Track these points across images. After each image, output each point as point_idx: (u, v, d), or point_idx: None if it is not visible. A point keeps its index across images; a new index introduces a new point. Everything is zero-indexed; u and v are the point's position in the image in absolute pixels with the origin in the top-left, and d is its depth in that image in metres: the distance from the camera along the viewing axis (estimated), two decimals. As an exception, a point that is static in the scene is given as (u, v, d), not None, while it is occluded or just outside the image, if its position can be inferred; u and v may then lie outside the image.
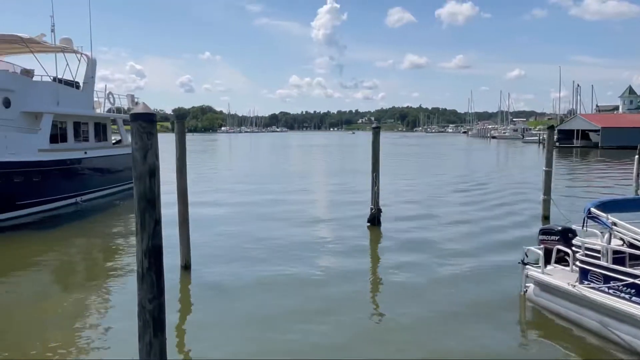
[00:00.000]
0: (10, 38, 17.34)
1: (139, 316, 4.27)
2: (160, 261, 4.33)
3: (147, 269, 4.24)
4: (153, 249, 4.25)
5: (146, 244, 4.23)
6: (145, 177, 4.21)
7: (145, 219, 4.23)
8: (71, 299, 8.82)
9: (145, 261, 4.23)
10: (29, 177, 15.95)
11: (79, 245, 13.22)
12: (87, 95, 20.39)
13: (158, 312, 4.28)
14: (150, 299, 4.24)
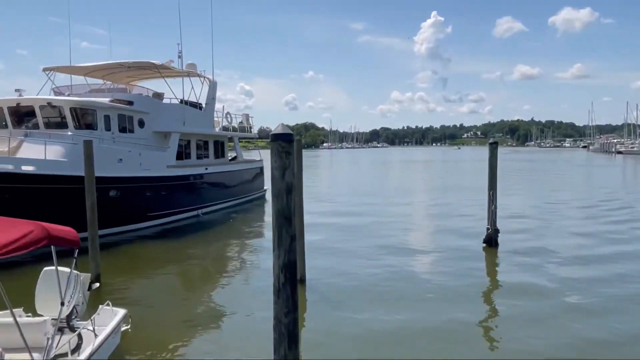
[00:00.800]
0: (145, 65, 19.35)
1: (275, 329, 4.39)
2: (295, 276, 4.43)
3: (283, 283, 4.35)
4: (289, 264, 4.37)
5: (282, 259, 4.35)
6: (283, 194, 4.35)
7: (282, 235, 4.36)
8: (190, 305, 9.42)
9: (282, 276, 4.35)
10: (159, 191, 17.54)
11: (200, 255, 14.15)
12: (209, 115, 22.03)
13: (293, 326, 4.37)
14: (285, 313, 4.34)
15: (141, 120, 17.79)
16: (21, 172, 13.19)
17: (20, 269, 10.52)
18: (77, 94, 17.99)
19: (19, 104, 15.79)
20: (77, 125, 15.61)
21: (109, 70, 20.19)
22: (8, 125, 15.86)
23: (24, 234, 4.53)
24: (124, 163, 15.91)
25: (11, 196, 12.90)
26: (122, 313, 7.10)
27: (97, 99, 16.54)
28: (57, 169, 13.81)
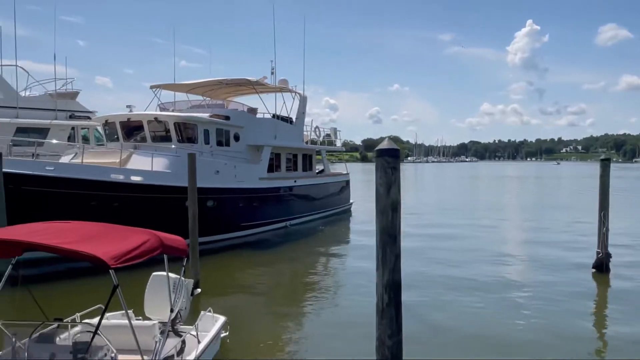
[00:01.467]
0: (242, 82, 20.28)
1: (378, 351, 4.24)
2: (399, 297, 4.26)
3: (387, 304, 4.20)
4: (393, 284, 4.21)
5: (387, 279, 4.21)
6: (388, 211, 4.22)
7: (386, 253, 4.22)
8: (283, 315, 9.51)
9: (385, 296, 4.20)
10: (251, 202, 18.17)
11: (290, 265, 14.38)
12: (298, 129, 22.55)
13: (397, 349, 4.20)
14: (389, 335, 4.18)
15: (237, 134, 18.59)
16: (130, 182, 14.28)
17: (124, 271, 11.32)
18: (180, 109, 19.24)
19: (129, 119, 17.20)
20: (179, 139, 16.66)
21: (209, 87, 21.40)
22: (119, 138, 17.31)
23: (141, 243, 4.81)
24: (221, 175, 16.68)
25: (120, 204, 14.00)
26: (222, 320, 7.32)
27: (198, 114, 17.56)
28: (162, 179, 14.78)
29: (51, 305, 6.74)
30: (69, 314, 6.36)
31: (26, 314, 5.92)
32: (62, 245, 4.16)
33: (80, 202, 13.27)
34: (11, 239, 4.17)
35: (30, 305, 5.97)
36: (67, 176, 13.17)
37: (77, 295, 10.55)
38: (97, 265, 4.10)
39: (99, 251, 4.14)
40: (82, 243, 4.34)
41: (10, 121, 19.73)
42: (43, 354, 4.94)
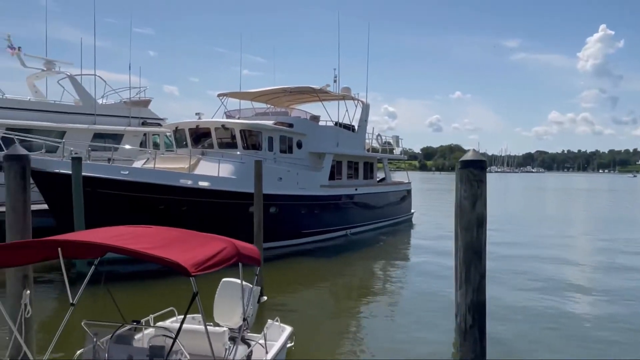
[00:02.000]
0: (305, 90, 20.46)
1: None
2: (484, 319, 3.99)
3: (470, 325, 3.95)
4: (478, 305, 3.96)
5: (470, 299, 3.96)
6: (473, 226, 3.97)
7: (470, 272, 3.97)
8: (349, 327, 9.34)
9: (469, 317, 3.95)
10: (312, 210, 18.20)
11: (350, 274, 14.21)
12: (360, 137, 22.41)
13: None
14: (472, 359, 3.92)
15: (299, 142, 18.73)
16: (198, 187, 14.70)
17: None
18: (245, 117, 19.67)
19: (197, 126, 17.77)
20: (244, 146, 17.00)
21: (272, 95, 21.76)
22: (188, 145, 17.92)
23: (219, 251, 4.83)
24: (284, 181, 16.83)
25: (189, 207, 14.43)
26: (289, 330, 7.26)
27: (263, 121, 17.87)
28: (227, 185, 15.11)
29: (123, 306, 6.97)
30: (140, 314, 6.53)
31: (103, 314, 6.14)
32: (145, 251, 4.24)
33: (151, 205, 13.81)
34: (98, 243, 4.31)
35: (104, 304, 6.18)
36: (140, 180, 13.74)
37: (148, 296, 10.94)
38: (178, 271, 4.14)
39: (180, 258, 4.18)
40: (163, 249, 4.41)
41: (88, 127, 21.00)
42: (121, 355, 5.07)
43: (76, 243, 4.54)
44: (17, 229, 5.28)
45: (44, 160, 13.31)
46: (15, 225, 5.29)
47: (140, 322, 5.70)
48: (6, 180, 5.34)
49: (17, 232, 5.28)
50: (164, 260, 4.15)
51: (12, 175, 5.26)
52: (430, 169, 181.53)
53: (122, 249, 4.26)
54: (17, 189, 5.27)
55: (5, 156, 5.34)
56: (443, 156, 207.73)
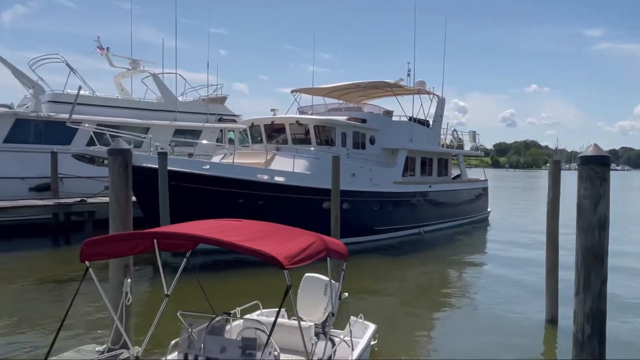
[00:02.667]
0: (379, 84, 20.17)
1: (576, 390, 3.67)
2: (604, 328, 3.64)
3: (588, 336, 3.62)
4: (597, 314, 3.61)
5: (589, 307, 3.62)
6: (594, 229, 3.63)
7: (590, 277, 3.64)
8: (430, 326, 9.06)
9: (587, 326, 3.62)
10: (385, 206, 17.94)
11: (425, 273, 13.86)
12: (435, 133, 21.80)
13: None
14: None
15: (372, 137, 18.51)
16: (274, 182, 14.94)
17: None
18: (318, 113, 19.74)
19: (273, 122, 18.06)
20: (318, 142, 17.05)
21: (345, 91, 21.67)
22: (263, 140, 18.27)
23: (309, 245, 4.80)
24: (357, 177, 16.71)
25: (265, 202, 14.70)
26: (372, 328, 7.15)
27: (336, 117, 17.83)
28: (302, 180, 15.24)
29: (210, 297, 7.15)
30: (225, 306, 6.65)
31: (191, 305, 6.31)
32: (240, 243, 4.28)
33: (230, 199, 14.21)
34: (196, 235, 4.41)
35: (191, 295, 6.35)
36: (221, 175, 14.17)
37: (232, 288, 11.16)
38: (272, 264, 4.14)
39: (273, 251, 4.19)
40: (256, 241, 4.44)
41: (170, 124, 22.04)
42: (215, 346, 5.18)
43: (174, 235, 4.67)
44: (120, 220, 5.54)
45: (134, 155, 14.08)
46: (118, 216, 5.56)
47: (230, 314, 5.82)
48: (110, 173, 5.63)
49: (119, 223, 5.55)
50: (259, 252, 4.16)
51: (115, 169, 5.53)
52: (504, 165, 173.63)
53: (218, 241, 4.33)
54: (120, 181, 5.53)
55: (109, 150, 5.63)
56: (517, 152, 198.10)
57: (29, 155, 18.15)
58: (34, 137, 18.65)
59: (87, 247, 4.55)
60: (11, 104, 19.62)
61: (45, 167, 17.95)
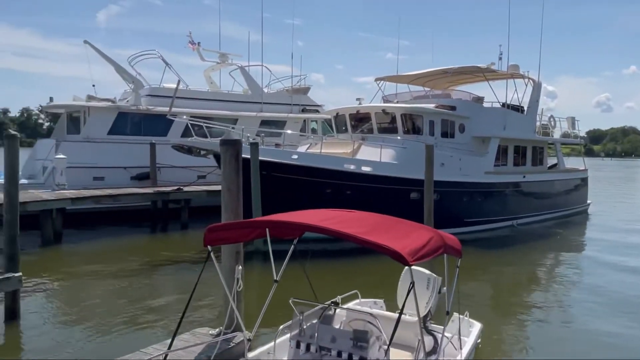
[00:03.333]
0: (469, 69, 19.29)
1: None
2: None
3: None
4: None
5: None
6: None
7: None
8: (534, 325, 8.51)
9: None
10: (475, 197, 17.19)
11: (521, 269, 13.10)
12: (530, 119, 20.51)
13: None
14: None
15: (462, 125, 17.77)
16: (361, 171, 14.81)
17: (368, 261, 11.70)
18: (403, 100, 19.28)
19: (358, 111, 17.89)
20: (405, 130, 16.66)
21: (431, 77, 20.98)
22: (348, 130, 18.17)
23: (429, 240, 4.62)
24: (445, 167, 16.13)
25: (351, 192, 14.63)
26: (478, 326, 6.84)
27: (424, 105, 17.30)
28: (389, 170, 14.97)
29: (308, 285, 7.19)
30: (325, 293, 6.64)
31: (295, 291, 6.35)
32: (360, 236, 4.19)
33: (318, 189, 14.30)
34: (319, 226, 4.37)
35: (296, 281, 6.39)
36: (309, 165, 14.29)
37: (331, 276, 11.10)
38: (395, 259, 4.01)
39: (397, 245, 4.06)
40: (375, 234, 4.33)
41: (256, 115, 22.63)
42: (326, 335, 5.17)
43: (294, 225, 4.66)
44: (232, 208, 5.68)
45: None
46: (230, 204, 5.70)
47: (338, 304, 5.80)
48: (222, 163, 5.78)
49: (231, 211, 5.69)
50: (382, 246, 4.04)
51: (227, 159, 5.66)
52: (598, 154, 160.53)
53: (337, 232, 4.27)
54: (231, 171, 5.66)
55: (221, 141, 5.79)
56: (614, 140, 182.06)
57: (130, 146, 19.44)
58: (134, 129, 19.94)
59: (209, 232, 4.69)
60: (114, 98, 21.11)
61: (145, 157, 19.14)
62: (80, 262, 13.09)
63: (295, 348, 5.24)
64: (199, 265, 12.50)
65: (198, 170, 19.17)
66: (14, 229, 7.98)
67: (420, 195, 15.62)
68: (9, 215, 7.99)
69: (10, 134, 8.10)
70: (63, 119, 20.73)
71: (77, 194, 15.72)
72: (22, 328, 7.93)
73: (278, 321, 5.84)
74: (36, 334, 7.80)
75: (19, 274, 7.95)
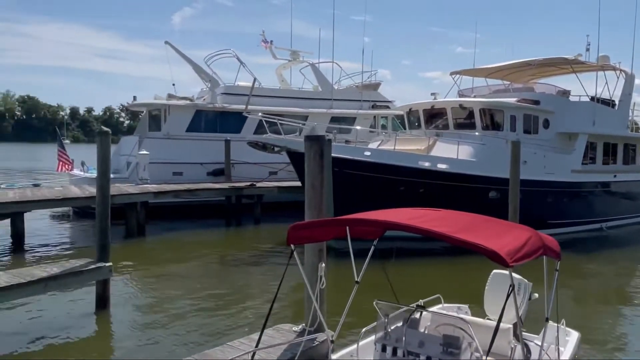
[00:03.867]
0: (554, 61, 18.08)
1: None
2: None
3: None
4: None
5: None
6: None
7: None
8: None
9: None
10: (560, 198, 16.10)
11: (611, 274, 12.08)
12: (622, 114, 18.93)
13: None
14: None
15: (546, 121, 16.70)
16: (436, 169, 14.30)
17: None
18: (481, 95, 18.43)
19: (433, 106, 17.32)
20: (484, 126, 15.90)
21: (511, 70, 19.90)
22: (422, 126, 17.65)
23: (526, 240, 4.25)
24: (528, 165, 15.17)
25: (426, 190, 14.16)
26: (576, 336, 6.31)
27: (505, 99, 16.44)
28: (467, 168, 14.34)
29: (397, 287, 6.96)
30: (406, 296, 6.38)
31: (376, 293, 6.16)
32: (454, 235, 3.92)
33: (391, 186, 13.98)
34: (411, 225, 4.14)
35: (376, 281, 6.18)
36: (382, 162, 14.00)
37: (411, 277, 10.78)
38: (493, 260, 3.71)
39: (494, 245, 3.75)
40: (467, 233, 4.04)
41: (327, 111, 22.61)
42: (413, 340, 4.94)
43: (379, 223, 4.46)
44: (316, 205, 5.58)
45: (298, 142, 14.61)
46: (313, 201, 5.61)
47: (425, 307, 5.54)
48: (306, 159, 5.69)
49: (315, 208, 5.59)
50: (477, 246, 3.75)
51: (311, 156, 5.57)
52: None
53: (427, 230, 4.03)
54: (315, 168, 5.56)
55: (306, 137, 5.72)
56: None
57: (206, 143, 20.10)
58: (210, 126, 20.60)
59: (293, 231, 4.61)
60: (192, 97, 21.93)
61: (220, 153, 19.70)
62: (162, 253, 13.69)
63: (380, 351, 5.05)
64: (274, 259, 12.80)
65: (269, 167, 19.44)
66: (105, 221, 8.40)
67: (499, 194, 14.86)
68: (100, 207, 8.43)
69: (103, 131, 8.53)
70: (145, 117, 21.82)
71: (159, 189, 16.46)
72: (111, 315, 8.35)
73: (358, 322, 5.68)
74: (125, 321, 8.18)
75: (109, 264, 8.35)
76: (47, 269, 7.89)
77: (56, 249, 13.49)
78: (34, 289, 7.31)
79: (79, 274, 7.91)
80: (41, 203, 13.60)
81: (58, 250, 13.25)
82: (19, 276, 7.37)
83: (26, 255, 12.68)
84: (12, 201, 12.87)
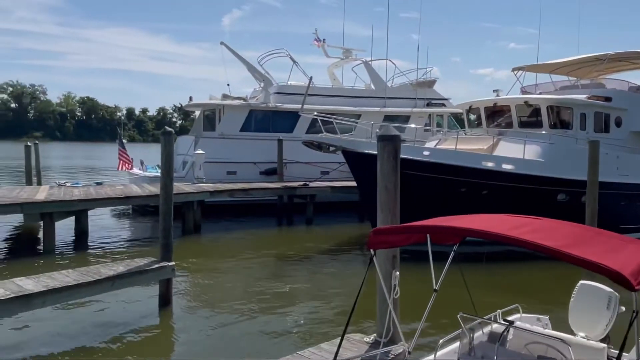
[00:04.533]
0: (629, 55, 16.90)
1: None
2: None
3: None
4: None
5: None
6: None
7: None
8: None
9: None
10: (635, 201, 15.01)
11: None
12: None
13: None
14: None
15: (619, 119, 15.59)
16: (501, 170, 13.60)
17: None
18: (546, 92, 17.46)
19: (495, 104, 16.54)
20: (551, 124, 15.01)
21: (578, 65, 18.73)
22: (483, 124, 16.90)
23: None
24: (600, 166, 14.20)
25: (489, 192, 13.49)
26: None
27: (575, 96, 15.46)
28: (534, 169, 13.57)
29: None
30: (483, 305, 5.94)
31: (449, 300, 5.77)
32: (564, 250, 3.49)
33: (451, 187, 13.42)
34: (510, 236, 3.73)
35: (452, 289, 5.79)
36: (443, 162, 13.46)
37: (486, 287, 10.20)
38: (615, 281, 3.26)
39: (613, 264, 3.29)
40: (577, 247, 3.58)
41: (380, 110, 22.17)
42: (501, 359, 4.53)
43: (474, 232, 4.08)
44: (389, 207, 5.27)
45: (354, 142, 14.30)
46: (387, 203, 5.30)
47: (512, 322, 5.10)
48: (379, 160, 5.39)
49: (388, 210, 5.28)
50: (596, 265, 3.29)
51: (385, 156, 5.26)
52: None
53: (533, 244, 3.61)
54: (389, 169, 5.25)
55: (379, 136, 5.41)
56: None
57: (259, 142, 20.16)
58: (263, 126, 20.65)
59: (374, 235, 4.32)
60: (246, 97, 22.08)
61: (273, 152, 19.70)
62: (219, 251, 13.76)
63: None
64: (331, 261, 12.57)
65: (322, 167, 19.25)
66: (168, 220, 8.43)
67: (568, 196, 14.00)
68: (164, 206, 8.46)
69: (167, 131, 8.56)
70: (200, 117, 22.17)
71: (215, 188, 16.62)
72: (174, 314, 8.36)
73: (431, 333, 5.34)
74: (188, 320, 8.17)
75: (172, 263, 8.37)
76: (113, 267, 7.99)
77: (118, 245, 13.84)
78: (102, 287, 7.40)
79: (144, 273, 7.97)
80: (105, 201, 14.00)
81: (120, 247, 13.58)
82: (87, 274, 7.48)
83: (90, 252, 13.06)
84: (78, 199, 13.30)
